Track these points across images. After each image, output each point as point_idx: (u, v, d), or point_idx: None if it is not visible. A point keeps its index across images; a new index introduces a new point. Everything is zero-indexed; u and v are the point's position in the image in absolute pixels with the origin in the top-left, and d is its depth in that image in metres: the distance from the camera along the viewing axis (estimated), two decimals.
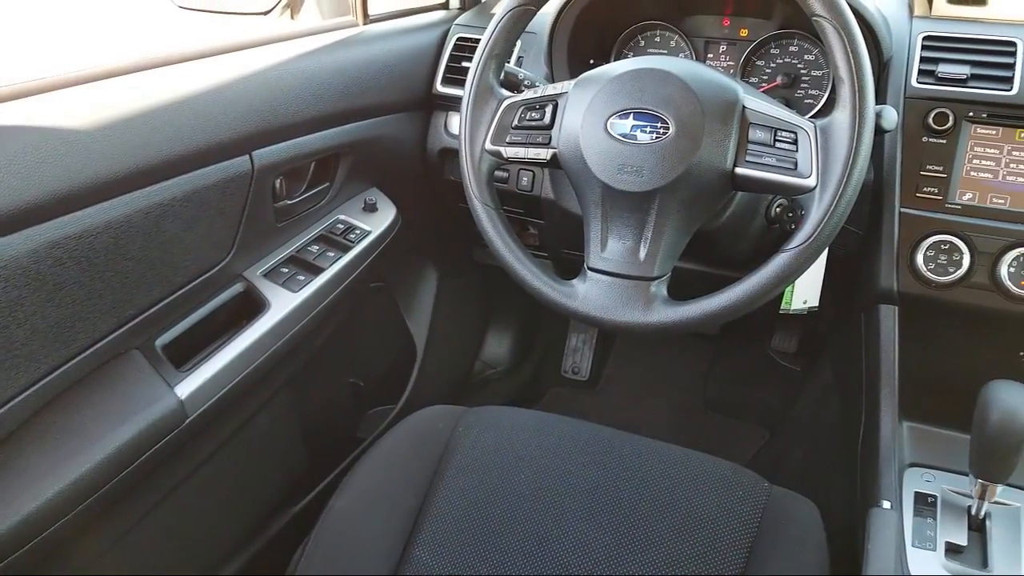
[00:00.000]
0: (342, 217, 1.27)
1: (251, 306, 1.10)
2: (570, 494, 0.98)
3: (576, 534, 0.93)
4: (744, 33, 1.26)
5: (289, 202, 1.18)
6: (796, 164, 0.83)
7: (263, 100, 1.08)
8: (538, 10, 0.97)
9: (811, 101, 1.22)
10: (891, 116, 0.92)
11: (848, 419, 1.23)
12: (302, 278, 1.14)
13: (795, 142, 0.84)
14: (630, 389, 2.01)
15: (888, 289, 1.06)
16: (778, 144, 0.84)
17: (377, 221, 1.29)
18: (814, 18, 0.82)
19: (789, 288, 1.09)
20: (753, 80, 1.26)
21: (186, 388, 0.97)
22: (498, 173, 1.34)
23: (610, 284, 0.89)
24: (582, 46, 1.27)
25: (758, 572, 0.89)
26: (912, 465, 1.08)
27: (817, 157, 0.82)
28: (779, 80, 1.23)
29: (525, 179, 1.33)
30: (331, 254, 1.19)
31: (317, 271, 1.16)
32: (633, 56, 1.32)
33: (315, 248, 1.20)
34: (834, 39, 0.81)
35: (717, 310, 0.85)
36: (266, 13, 1.38)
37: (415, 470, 1.02)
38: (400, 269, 1.59)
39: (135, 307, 0.95)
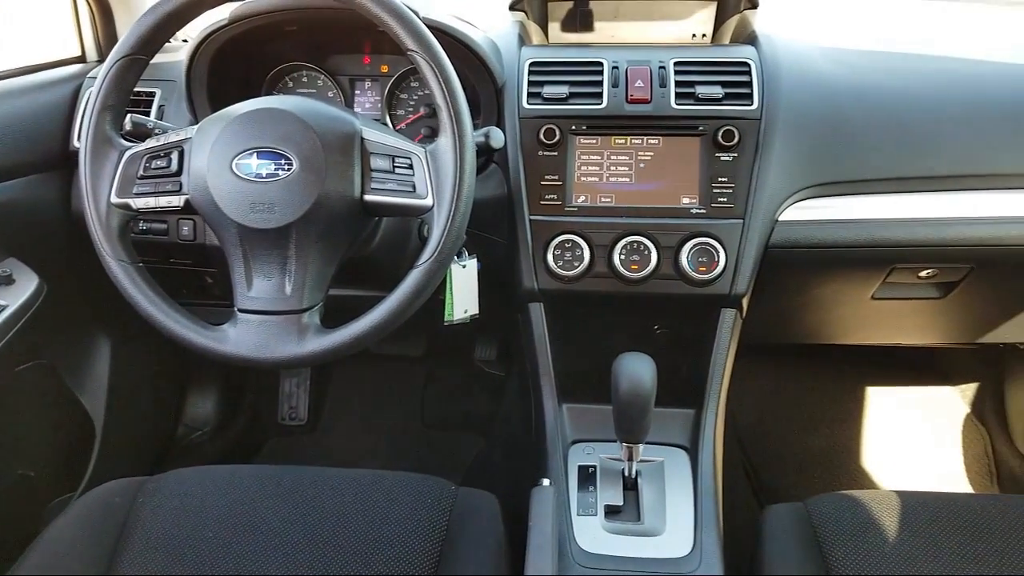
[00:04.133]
0: None
1: None
2: (263, 541, 0.96)
3: None
4: (385, 69, 1.33)
5: None
6: (415, 187, 0.90)
7: None
8: (150, 59, 0.95)
9: None
10: (498, 136, 1.04)
11: (527, 411, 1.34)
12: None
13: (411, 167, 0.91)
14: (351, 424, 2.01)
15: (531, 288, 1.18)
16: (397, 170, 0.91)
17: (14, 295, 1.17)
18: (408, 52, 0.89)
19: (449, 300, 1.16)
20: (400, 112, 1.34)
21: None
22: (157, 225, 1.30)
23: (261, 322, 0.90)
24: (225, 91, 1.26)
25: (447, 571, 0.94)
26: (575, 442, 1.21)
27: (430, 179, 0.90)
28: (422, 111, 1.32)
29: (186, 228, 1.29)
30: None
31: None
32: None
33: None
34: (427, 71, 0.89)
35: (365, 331, 0.89)
36: None
37: (89, 556, 0.94)
38: (62, 342, 1.45)
39: None
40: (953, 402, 1.96)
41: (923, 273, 1.24)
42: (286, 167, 0.88)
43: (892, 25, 1.46)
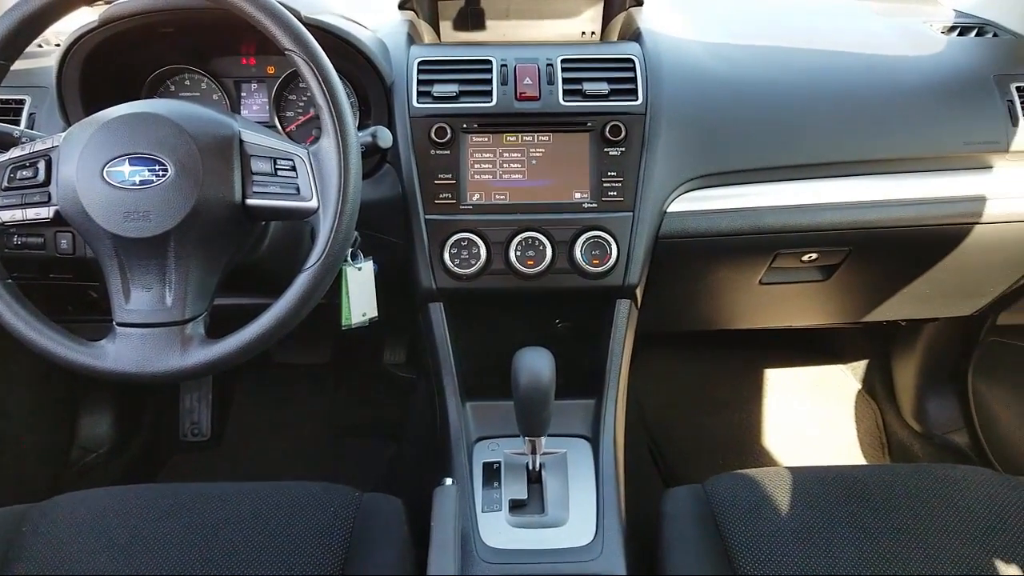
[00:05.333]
0: None
1: None
2: (158, 562, 0.94)
3: None
4: (271, 71, 1.30)
5: None
6: (299, 189, 0.89)
7: None
8: (10, 64, 0.90)
9: None
10: (386, 135, 1.03)
11: (435, 411, 1.34)
12: None
13: (294, 168, 0.89)
14: (258, 437, 1.96)
15: (429, 288, 1.18)
16: (279, 172, 0.89)
17: None
18: (285, 53, 0.88)
19: (345, 303, 1.14)
20: (289, 114, 1.31)
21: None
22: (32, 239, 1.23)
23: (141, 336, 0.87)
24: (101, 96, 1.21)
25: (352, 573, 0.94)
26: (480, 439, 1.21)
27: (314, 181, 0.88)
28: (312, 112, 1.29)
29: (64, 241, 1.23)
30: None
31: None
32: None
33: None
34: (306, 71, 0.88)
35: (251, 340, 0.87)
36: None
37: None
38: None
39: None
40: (845, 379, 2.06)
41: (805, 257, 1.29)
42: (161, 173, 0.85)
43: (768, 18, 1.51)
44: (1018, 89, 1.25)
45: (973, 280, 1.45)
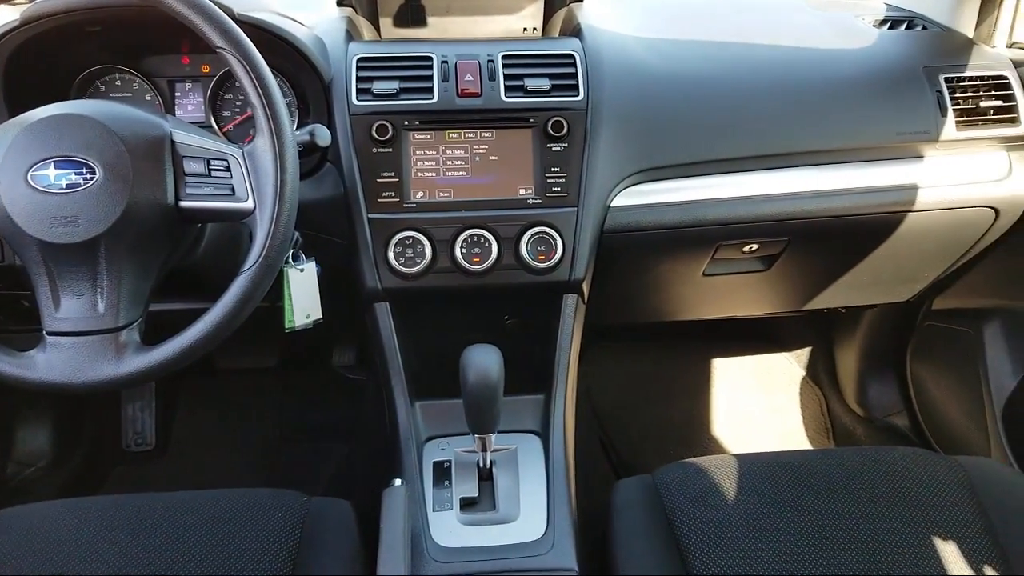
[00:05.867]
0: None
1: None
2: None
3: None
4: (206, 69, 1.26)
5: None
6: (233, 190, 0.87)
7: None
8: None
9: None
10: (324, 134, 1.01)
11: (383, 411, 1.33)
12: None
13: (228, 169, 0.87)
14: (206, 444, 1.92)
15: (375, 288, 1.16)
16: (213, 173, 0.87)
17: None
18: (217, 50, 0.86)
19: (288, 306, 1.12)
20: (226, 113, 1.28)
21: None
22: None
23: (73, 344, 0.84)
24: (27, 98, 1.16)
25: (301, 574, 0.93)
26: (430, 439, 1.20)
27: (249, 181, 0.87)
28: (249, 111, 1.27)
29: None
30: None
31: None
32: None
33: None
34: (239, 69, 0.86)
35: (189, 345, 0.85)
36: None
37: None
38: None
39: None
40: (789, 367, 2.10)
41: (746, 248, 1.32)
42: (88, 176, 0.82)
43: (706, 13, 1.53)
44: (946, 80, 1.29)
45: (908, 267, 1.49)
